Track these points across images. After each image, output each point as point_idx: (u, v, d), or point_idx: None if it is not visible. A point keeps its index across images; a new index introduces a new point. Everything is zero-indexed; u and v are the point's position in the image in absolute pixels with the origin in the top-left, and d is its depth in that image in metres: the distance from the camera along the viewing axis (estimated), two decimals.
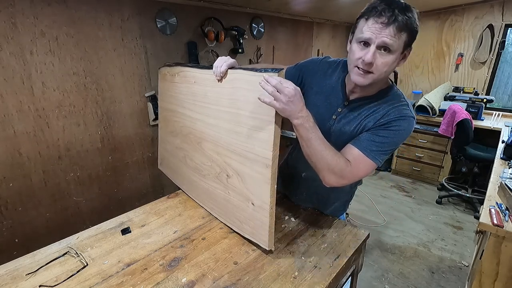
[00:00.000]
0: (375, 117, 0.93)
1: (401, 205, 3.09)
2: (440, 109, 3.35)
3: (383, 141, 0.90)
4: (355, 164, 0.89)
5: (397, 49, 0.83)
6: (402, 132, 0.90)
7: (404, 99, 0.95)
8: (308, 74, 1.12)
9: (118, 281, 0.89)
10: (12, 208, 1.49)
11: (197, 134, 1.22)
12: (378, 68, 0.85)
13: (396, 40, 0.81)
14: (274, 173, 0.89)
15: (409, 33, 0.82)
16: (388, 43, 0.81)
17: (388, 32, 0.80)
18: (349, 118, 0.99)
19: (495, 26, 3.19)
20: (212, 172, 1.17)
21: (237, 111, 0.97)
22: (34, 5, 1.39)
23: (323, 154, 0.87)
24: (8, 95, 1.39)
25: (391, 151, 0.93)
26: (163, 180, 2.20)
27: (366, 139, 0.91)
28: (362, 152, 0.90)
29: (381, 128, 0.91)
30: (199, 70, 1.15)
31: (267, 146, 0.87)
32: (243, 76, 0.93)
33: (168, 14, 1.94)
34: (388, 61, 0.84)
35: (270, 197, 0.90)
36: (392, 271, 2.16)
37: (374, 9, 0.81)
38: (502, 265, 1.34)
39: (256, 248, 1.03)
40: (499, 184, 1.59)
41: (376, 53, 0.83)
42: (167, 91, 1.44)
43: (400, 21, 0.79)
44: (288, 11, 2.79)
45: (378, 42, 0.81)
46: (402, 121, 0.90)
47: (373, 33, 0.81)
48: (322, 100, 1.06)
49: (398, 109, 0.91)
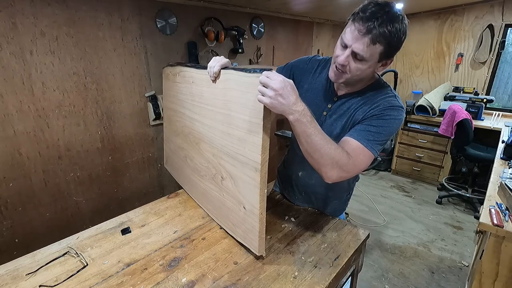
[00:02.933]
0: (364, 109, 0.95)
1: (401, 205, 3.09)
2: (440, 109, 3.35)
3: (378, 130, 0.91)
4: (355, 156, 0.88)
5: (370, 59, 0.85)
6: (394, 120, 0.92)
7: (391, 91, 0.97)
8: (298, 73, 1.14)
9: (118, 281, 0.89)
10: (12, 208, 1.49)
11: (195, 134, 1.22)
12: (351, 70, 0.88)
13: (368, 51, 0.83)
14: (263, 178, 0.86)
15: (386, 45, 0.82)
16: (358, 53, 0.84)
17: (361, 42, 0.82)
18: (339, 114, 1.01)
19: (495, 26, 3.19)
20: (208, 173, 1.16)
21: (229, 112, 0.96)
22: (34, 5, 1.39)
23: (326, 148, 0.82)
24: (8, 95, 1.39)
25: (385, 141, 0.94)
26: (163, 180, 2.20)
27: (362, 129, 0.92)
28: (361, 142, 0.89)
29: (374, 118, 0.92)
30: (196, 70, 1.15)
31: (256, 150, 0.85)
32: (233, 77, 0.92)
33: (168, 14, 1.94)
34: (361, 67, 0.87)
35: (260, 202, 0.88)
36: (392, 271, 2.16)
37: (361, 12, 0.82)
38: (502, 265, 1.34)
39: None
40: (499, 184, 1.59)
41: (350, 57, 0.86)
42: (170, 90, 1.45)
43: (375, 34, 0.80)
44: (288, 11, 2.79)
45: (352, 49, 0.84)
46: (392, 110, 0.92)
47: (350, 40, 0.84)
48: (312, 97, 1.08)
49: (386, 100, 0.93)
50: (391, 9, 0.81)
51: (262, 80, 0.77)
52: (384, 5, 0.81)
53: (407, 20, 0.84)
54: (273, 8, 2.60)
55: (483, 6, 3.22)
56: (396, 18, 0.80)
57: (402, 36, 0.83)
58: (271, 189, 1.45)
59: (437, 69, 3.69)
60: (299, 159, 1.18)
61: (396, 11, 0.81)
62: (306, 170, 1.17)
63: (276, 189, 1.43)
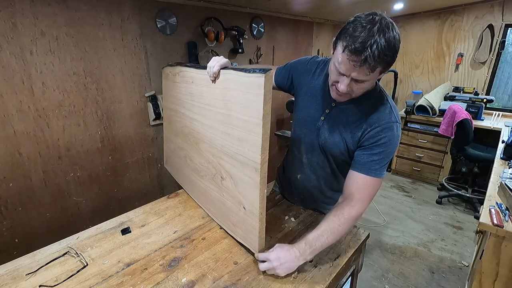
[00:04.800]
0: (363, 128, 0.95)
1: (401, 205, 3.09)
2: (440, 109, 3.35)
3: (381, 157, 0.94)
4: (363, 189, 0.95)
5: (371, 79, 0.85)
6: (392, 141, 0.94)
7: (387, 101, 0.96)
8: (297, 74, 1.14)
9: (118, 281, 0.89)
10: (12, 208, 1.49)
11: (195, 134, 1.22)
12: (354, 92, 0.89)
13: (369, 75, 0.81)
14: (263, 178, 0.86)
15: (384, 66, 0.80)
16: (359, 80, 0.83)
17: (360, 71, 0.80)
18: (337, 122, 1.01)
19: (495, 26, 3.19)
20: (208, 173, 1.16)
21: (228, 112, 0.95)
22: (34, 5, 1.39)
23: (338, 236, 0.93)
24: (8, 95, 1.39)
25: (389, 160, 0.97)
26: (163, 180, 2.20)
27: (366, 161, 0.95)
28: (368, 175, 0.94)
29: (374, 146, 0.94)
30: (195, 70, 1.14)
31: (256, 150, 0.84)
32: (233, 77, 0.91)
33: (168, 14, 1.94)
34: (364, 86, 0.88)
35: (260, 202, 0.88)
36: (392, 271, 2.16)
37: (351, 43, 0.77)
38: (502, 265, 1.34)
39: None
40: (499, 184, 1.59)
41: (352, 82, 0.85)
42: (169, 90, 1.44)
43: (372, 62, 0.76)
44: (288, 11, 2.79)
45: (351, 76, 0.83)
46: (390, 131, 0.93)
47: (347, 71, 0.82)
48: (311, 100, 1.08)
49: (384, 118, 0.93)
50: (380, 23, 0.76)
51: (265, 268, 0.89)
52: (371, 21, 0.76)
53: (396, 26, 0.80)
54: (273, 8, 2.61)
55: (483, 6, 3.22)
56: (387, 32, 0.76)
57: (397, 45, 0.80)
58: (271, 189, 1.45)
59: (437, 69, 3.69)
60: (298, 162, 1.18)
61: (384, 24, 0.76)
62: (305, 173, 1.17)
63: (276, 189, 1.43)
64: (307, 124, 1.09)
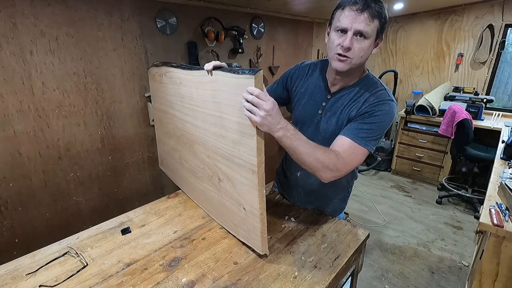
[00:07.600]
0: (357, 106, 0.98)
1: (401, 205, 3.09)
2: (440, 109, 3.35)
3: (371, 127, 0.94)
4: (348, 154, 0.93)
5: (371, 35, 0.90)
6: (386, 115, 0.95)
7: (382, 86, 1.00)
8: (291, 81, 1.18)
9: (118, 281, 0.89)
10: (12, 208, 1.49)
11: (188, 136, 1.20)
12: (355, 53, 0.91)
13: (370, 26, 0.87)
14: (261, 179, 0.85)
15: (380, 21, 0.89)
16: (363, 30, 0.87)
17: (362, 19, 0.86)
18: (333, 111, 1.04)
19: (495, 26, 3.19)
20: (205, 174, 1.15)
21: (220, 114, 0.93)
22: (34, 5, 1.39)
23: (314, 155, 0.88)
24: (8, 95, 1.39)
25: (380, 135, 0.97)
26: (163, 180, 2.20)
27: (354, 127, 0.95)
28: (353, 140, 0.93)
29: (366, 115, 0.95)
30: (182, 71, 1.11)
31: (252, 152, 0.83)
32: (222, 78, 0.89)
33: (168, 14, 1.94)
34: (364, 46, 0.90)
35: (259, 203, 0.87)
36: (392, 271, 2.16)
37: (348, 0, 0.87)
38: (502, 265, 1.34)
39: None
40: (499, 184, 1.59)
41: (353, 39, 0.89)
42: (157, 92, 1.40)
43: (373, 8, 0.86)
44: (288, 11, 2.79)
45: (354, 29, 0.88)
46: (383, 105, 0.95)
47: (349, 21, 0.88)
48: (308, 98, 1.11)
49: (377, 94, 0.97)
50: None
51: (254, 101, 0.77)
52: None
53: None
54: (273, 8, 2.61)
55: (483, 6, 3.22)
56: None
57: (387, 14, 0.91)
58: (270, 189, 1.45)
59: (437, 69, 3.69)
60: None
61: None
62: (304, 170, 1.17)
63: (276, 189, 1.43)
64: (307, 121, 1.10)
